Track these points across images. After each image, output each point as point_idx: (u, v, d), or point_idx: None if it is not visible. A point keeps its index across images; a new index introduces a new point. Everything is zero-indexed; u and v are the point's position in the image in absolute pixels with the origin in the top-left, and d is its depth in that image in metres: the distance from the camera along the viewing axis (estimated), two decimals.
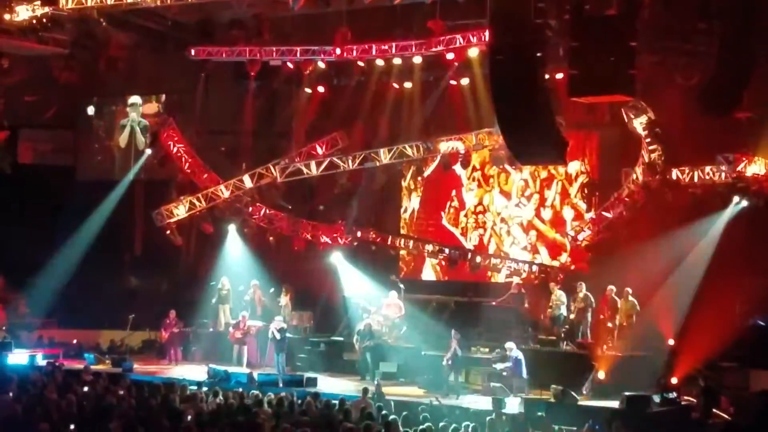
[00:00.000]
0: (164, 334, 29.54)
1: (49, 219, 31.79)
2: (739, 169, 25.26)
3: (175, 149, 32.17)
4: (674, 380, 23.07)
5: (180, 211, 31.86)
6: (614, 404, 21.39)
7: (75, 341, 30.72)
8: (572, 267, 28.59)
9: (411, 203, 33.20)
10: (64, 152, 35.45)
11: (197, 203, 31.80)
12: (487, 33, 22.44)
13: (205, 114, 32.72)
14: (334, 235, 31.50)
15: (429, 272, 32.59)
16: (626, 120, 26.13)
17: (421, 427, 16.40)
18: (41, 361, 27.15)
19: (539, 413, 19.99)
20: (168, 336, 29.37)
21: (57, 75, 31.24)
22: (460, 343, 24.78)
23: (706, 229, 25.46)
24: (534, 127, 18.63)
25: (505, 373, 24.01)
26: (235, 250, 32.49)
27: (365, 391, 20.35)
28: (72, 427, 15.99)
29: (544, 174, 30.54)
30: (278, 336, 26.84)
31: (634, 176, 26.74)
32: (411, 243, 32.10)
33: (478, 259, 30.25)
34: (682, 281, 24.79)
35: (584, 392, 23.16)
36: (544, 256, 30.27)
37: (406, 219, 33.18)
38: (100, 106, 35.22)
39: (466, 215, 32.07)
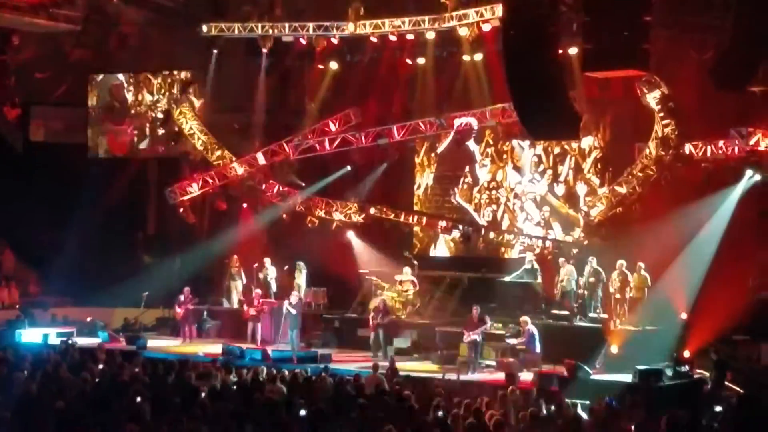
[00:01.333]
0: (179, 311, 29.48)
1: (61, 197, 31.80)
2: (752, 143, 25.18)
3: (187, 126, 32.19)
4: (687, 354, 23.04)
5: (193, 188, 31.91)
6: (627, 378, 21.40)
7: (89, 319, 30.78)
8: (585, 242, 28.51)
9: (424, 179, 33.11)
10: (75, 130, 35.41)
11: (210, 181, 31.85)
12: (500, 8, 22.41)
13: (217, 91, 32.69)
14: (348, 211, 31.51)
15: (442, 248, 32.55)
16: (640, 95, 26.03)
17: (434, 402, 16.42)
18: (55, 339, 27.26)
19: (552, 387, 20.04)
20: (183, 313, 29.34)
21: (68, 52, 31.26)
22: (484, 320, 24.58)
23: (719, 204, 25.38)
24: (547, 103, 18.60)
25: (519, 347, 24.05)
26: (248, 227, 32.54)
27: (376, 367, 20.40)
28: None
29: (557, 150, 30.39)
30: (293, 311, 26.87)
31: (648, 151, 26.65)
32: (424, 219, 32.07)
33: (492, 234, 30.24)
34: (695, 256, 24.73)
35: (597, 366, 23.15)
36: (557, 232, 30.21)
37: (420, 195, 33.08)
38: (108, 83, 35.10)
39: (479, 191, 31.95)
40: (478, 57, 28.82)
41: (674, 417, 13.75)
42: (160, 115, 34.08)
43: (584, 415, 15.70)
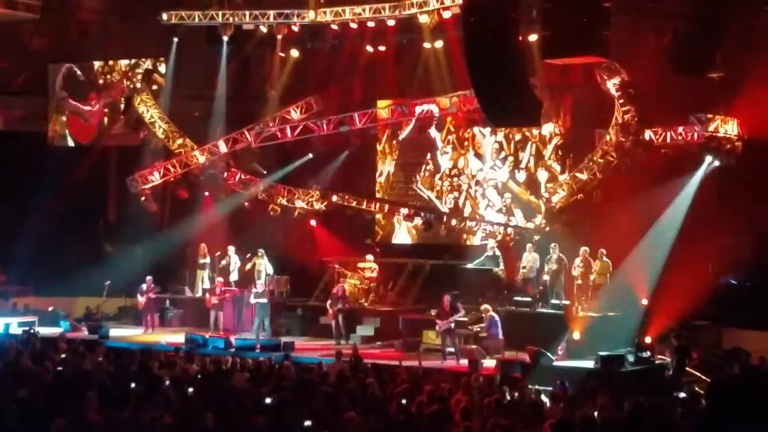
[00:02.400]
0: (141, 300, 29.34)
1: (21, 186, 31.57)
2: (711, 129, 25.33)
3: (148, 114, 32.04)
4: (648, 339, 23.20)
5: (155, 177, 31.77)
6: (589, 364, 21.53)
7: (50, 308, 30.63)
8: (547, 229, 28.63)
9: (386, 167, 33.15)
10: (35, 119, 35.17)
11: (172, 169, 31.73)
12: None
13: (178, 79, 32.53)
14: (310, 199, 31.48)
15: (404, 235, 32.62)
16: (600, 81, 26.12)
17: (398, 389, 16.47)
18: (17, 329, 27.09)
19: (514, 374, 20.14)
20: (145, 302, 29.22)
21: (28, 40, 31.00)
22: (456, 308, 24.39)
23: (679, 189, 25.56)
24: (508, 90, 18.66)
25: (481, 335, 24.13)
26: (210, 215, 32.46)
27: (339, 354, 20.42)
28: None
29: (518, 136, 30.52)
30: (263, 300, 26.90)
31: (608, 137, 26.76)
32: (386, 207, 32.09)
33: (454, 221, 30.33)
34: (656, 241, 24.92)
35: (559, 352, 23.25)
36: (519, 219, 30.33)
37: (382, 182, 33.14)
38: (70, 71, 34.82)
39: (441, 178, 32.04)
40: (439, 44, 28.88)
41: (637, 403, 13.85)
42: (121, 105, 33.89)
43: (547, 401, 15.79)
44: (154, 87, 32.74)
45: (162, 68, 32.84)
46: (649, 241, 24.91)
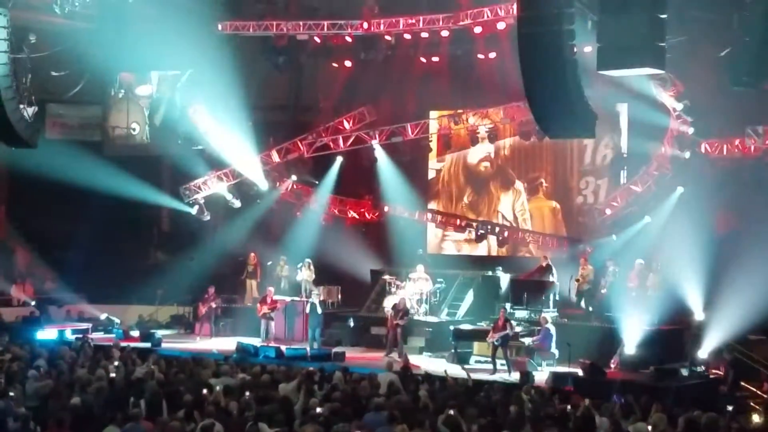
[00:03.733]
0: (202, 309, 29.68)
1: (75, 194, 31.80)
2: None
3: (202, 124, 32.18)
4: (703, 353, 22.97)
5: (208, 186, 31.93)
6: (642, 378, 21.33)
7: (104, 316, 30.87)
8: (600, 241, 28.44)
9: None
10: (91, 128, 35.47)
11: (225, 178, 31.86)
12: (515, 6, 22.30)
13: (232, 88, 32.65)
14: (362, 209, 31.48)
15: (455, 247, 32.54)
16: (655, 93, 25.93)
17: (448, 402, 16.39)
18: (70, 336, 27.32)
19: (567, 387, 19.99)
20: (206, 311, 29.53)
21: (84, 50, 31.23)
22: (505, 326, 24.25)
23: (734, 202, 25.33)
24: (562, 101, 18.52)
25: (535, 346, 23.98)
26: (262, 224, 32.57)
27: (390, 365, 20.32)
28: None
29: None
30: (319, 310, 26.94)
31: (663, 150, 26.57)
32: (439, 218, 32.05)
33: (506, 233, 30.21)
34: (712, 254, 24.62)
35: (612, 366, 23.10)
36: (571, 231, 30.16)
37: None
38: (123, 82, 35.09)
39: None
40: (492, 55, 28.80)
41: (692, 417, 13.70)
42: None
43: (598, 416, 15.64)
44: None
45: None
46: (705, 253, 24.63)
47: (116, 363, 20.07)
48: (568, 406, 16.59)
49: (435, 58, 30.19)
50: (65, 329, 28.58)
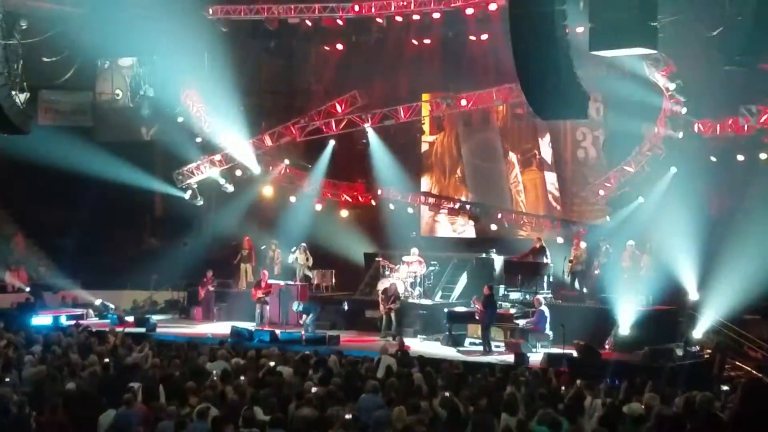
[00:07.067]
0: (201, 292, 29.83)
1: (69, 180, 31.74)
2: (762, 120, 25.06)
3: (194, 109, 32.12)
4: (697, 333, 23.00)
5: (200, 171, 31.88)
6: (637, 358, 21.36)
7: (98, 302, 30.85)
8: (594, 222, 28.45)
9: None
10: (83, 113, 35.44)
11: (217, 163, 31.82)
12: None
13: (223, 73, 32.56)
14: (354, 193, 31.45)
15: (449, 228, 32.54)
16: (647, 73, 25.90)
17: (443, 383, 16.41)
18: (65, 322, 27.32)
19: (561, 368, 20.00)
20: (204, 294, 29.65)
21: (76, 35, 31.15)
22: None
23: (727, 182, 25.33)
24: (555, 82, 18.47)
25: (529, 327, 23.99)
26: (255, 208, 32.54)
27: (385, 348, 20.31)
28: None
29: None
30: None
31: (656, 130, 26.55)
32: (432, 200, 32.04)
33: (500, 215, 30.21)
34: (706, 234, 24.62)
35: (606, 347, 23.13)
36: (565, 211, 30.17)
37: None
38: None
39: None
40: (485, 37, 28.74)
41: (689, 397, 13.71)
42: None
43: (592, 397, 15.64)
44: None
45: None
46: (699, 234, 24.63)
47: (111, 348, 20.08)
48: (562, 387, 16.62)
49: (427, 41, 30.13)
50: (60, 315, 28.60)
